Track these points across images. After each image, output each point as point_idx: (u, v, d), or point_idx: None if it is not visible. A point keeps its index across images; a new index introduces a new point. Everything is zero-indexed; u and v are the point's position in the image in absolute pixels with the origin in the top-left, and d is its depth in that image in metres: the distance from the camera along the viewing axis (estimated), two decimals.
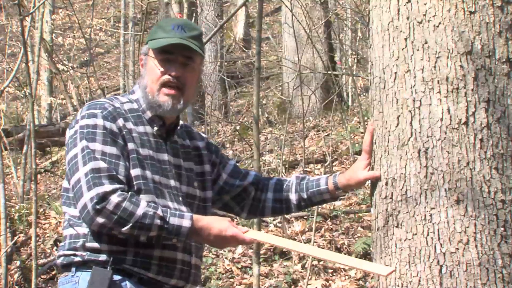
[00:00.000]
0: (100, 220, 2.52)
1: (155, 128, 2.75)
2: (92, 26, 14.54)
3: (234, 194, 2.91)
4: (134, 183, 2.60)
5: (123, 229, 2.52)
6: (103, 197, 2.52)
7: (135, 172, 2.62)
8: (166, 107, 2.72)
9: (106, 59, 19.25)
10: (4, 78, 12.53)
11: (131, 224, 2.51)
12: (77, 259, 2.61)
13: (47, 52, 11.70)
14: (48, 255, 7.46)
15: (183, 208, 2.70)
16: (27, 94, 7.65)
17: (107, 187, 2.53)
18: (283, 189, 2.95)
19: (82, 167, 2.58)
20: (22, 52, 6.71)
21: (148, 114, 2.76)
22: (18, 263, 7.36)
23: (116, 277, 2.58)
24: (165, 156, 2.74)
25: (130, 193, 2.55)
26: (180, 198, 2.72)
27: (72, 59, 14.61)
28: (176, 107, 2.74)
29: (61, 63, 12.43)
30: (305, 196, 2.92)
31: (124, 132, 2.65)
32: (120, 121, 2.67)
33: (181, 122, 2.95)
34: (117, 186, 2.54)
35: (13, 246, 7.32)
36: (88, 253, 2.60)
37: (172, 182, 2.72)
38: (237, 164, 3.02)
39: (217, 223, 2.60)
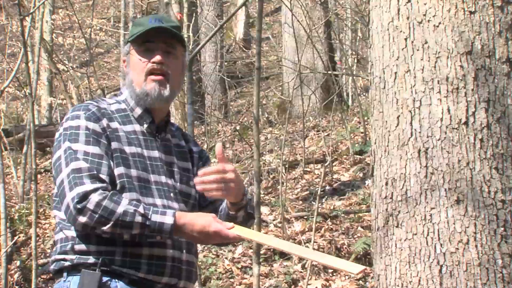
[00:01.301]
0: (82, 219, 2.52)
1: (145, 126, 2.75)
2: (92, 26, 14.53)
3: (207, 211, 2.87)
4: (118, 181, 2.61)
5: (104, 227, 2.52)
6: (84, 196, 2.52)
7: (118, 170, 2.62)
8: (153, 93, 2.72)
9: (106, 59, 19.25)
10: (4, 78, 12.53)
11: (112, 223, 2.51)
12: (67, 263, 2.62)
13: (47, 52, 11.69)
14: (48, 255, 7.46)
15: (175, 205, 2.70)
16: (27, 94, 7.65)
17: (88, 186, 2.53)
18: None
19: (64, 168, 2.59)
20: (22, 52, 6.71)
21: (137, 111, 2.76)
22: (18, 263, 7.37)
23: (106, 279, 2.58)
24: (156, 153, 2.74)
25: (111, 191, 2.55)
26: (172, 195, 2.72)
27: (72, 59, 14.60)
28: (163, 93, 2.73)
29: (61, 63, 12.43)
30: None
31: (108, 132, 2.66)
32: (104, 121, 2.68)
33: (176, 125, 2.97)
34: (98, 185, 2.54)
35: (13, 246, 7.32)
36: (77, 256, 2.60)
37: (164, 179, 2.72)
38: None
39: (200, 219, 2.59)
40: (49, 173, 11.13)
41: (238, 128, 11.09)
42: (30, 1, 10.53)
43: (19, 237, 7.69)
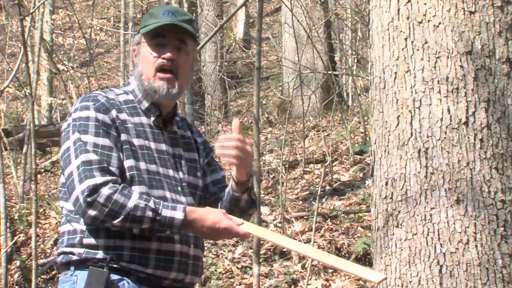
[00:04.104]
0: (91, 212, 2.51)
1: (152, 118, 2.75)
2: (92, 26, 14.54)
3: (209, 202, 2.87)
4: (127, 174, 2.60)
5: (114, 221, 2.51)
6: (94, 190, 2.51)
7: (128, 163, 2.61)
8: (162, 91, 2.71)
9: (106, 59, 19.25)
10: (4, 78, 12.53)
11: (122, 217, 2.50)
12: (75, 257, 2.61)
13: (47, 52, 11.70)
14: (48, 255, 7.46)
15: (182, 199, 2.70)
16: (27, 94, 7.65)
17: (98, 179, 2.52)
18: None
19: (74, 159, 2.57)
20: (22, 52, 6.71)
21: (145, 104, 2.75)
22: (18, 263, 7.36)
23: (114, 277, 2.57)
24: (163, 146, 2.74)
25: (122, 185, 2.54)
26: (179, 188, 2.71)
27: (72, 59, 14.61)
28: (171, 91, 2.73)
29: (61, 63, 12.44)
30: (225, 204, 2.84)
31: (117, 123, 2.65)
32: (114, 112, 2.66)
33: (181, 115, 2.95)
34: (109, 178, 2.53)
35: (13, 246, 7.32)
36: (86, 250, 2.59)
37: (171, 172, 2.71)
38: (225, 177, 2.99)
39: (211, 215, 2.59)
40: (49, 173, 11.13)
41: None
42: (30, 1, 10.54)
43: (19, 237, 7.68)
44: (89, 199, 2.51)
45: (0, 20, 15.75)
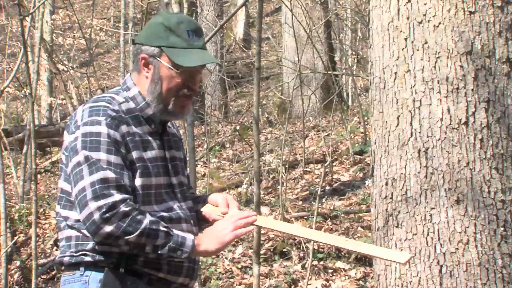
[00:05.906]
0: (107, 228, 2.51)
1: (152, 126, 2.74)
2: (92, 26, 14.53)
3: None
4: (139, 193, 2.62)
5: (129, 237, 2.52)
6: (112, 206, 2.52)
7: (139, 181, 2.63)
8: (177, 114, 2.74)
9: (106, 59, 19.25)
10: (4, 78, 12.53)
11: (138, 232, 2.52)
12: (88, 258, 2.61)
13: (47, 52, 11.70)
14: (48, 255, 7.46)
15: (184, 204, 2.74)
16: (27, 94, 7.65)
17: (117, 196, 2.53)
18: None
19: (88, 176, 2.55)
20: (22, 52, 6.71)
21: (147, 112, 2.72)
22: (18, 263, 7.36)
23: (128, 279, 2.59)
24: (163, 153, 2.75)
25: (137, 204, 2.58)
26: (179, 195, 2.75)
27: (72, 59, 14.59)
28: (187, 113, 2.83)
29: (61, 63, 12.44)
30: None
31: (128, 139, 2.63)
32: (124, 128, 2.64)
33: None
34: (126, 196, 2.55)
35: (13, 246, 7.32)
36: (98, 255, 2.60)
37: (173, 180, 2.75)
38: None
39: (219, 224, 2.67)
40: (49, 173, 11.13)
41: (238, 128, 11.08)
42: (30, 1, 10.53)
43: (19, 237, 7.68)
44: (106, 215, 2.51)
45: (0, 20, 15.74)
